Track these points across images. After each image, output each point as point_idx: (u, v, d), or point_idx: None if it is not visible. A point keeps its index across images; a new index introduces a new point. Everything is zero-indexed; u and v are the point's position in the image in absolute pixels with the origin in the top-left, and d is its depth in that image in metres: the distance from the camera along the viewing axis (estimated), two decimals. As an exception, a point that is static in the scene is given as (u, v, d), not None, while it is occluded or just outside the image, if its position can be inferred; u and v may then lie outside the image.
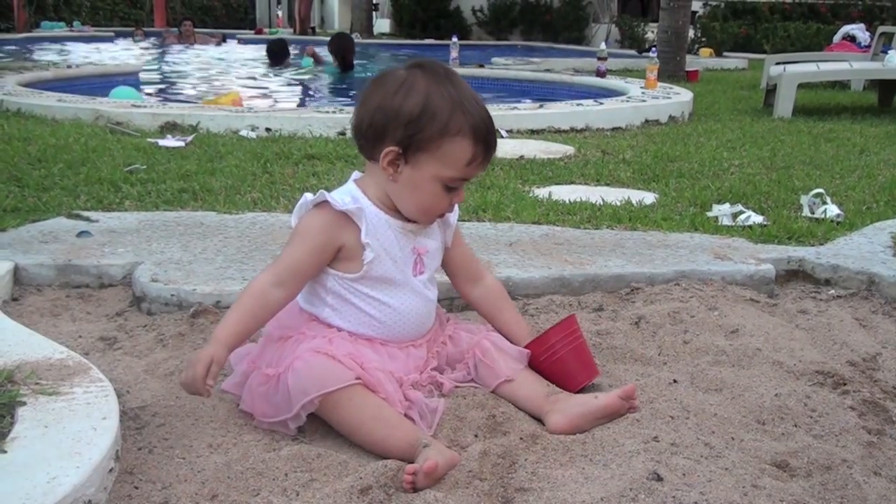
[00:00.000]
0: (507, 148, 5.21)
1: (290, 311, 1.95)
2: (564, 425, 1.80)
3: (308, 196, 1.88)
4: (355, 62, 10.77)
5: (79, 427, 1.55)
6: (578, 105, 6.89)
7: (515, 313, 2.13)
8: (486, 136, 1.81)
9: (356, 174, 1.98)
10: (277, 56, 11.78)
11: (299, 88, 10.31)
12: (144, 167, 4.27)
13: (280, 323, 1.92)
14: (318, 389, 1.72)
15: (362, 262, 1.85)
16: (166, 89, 9.84)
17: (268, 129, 5.67)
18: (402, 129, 1.78)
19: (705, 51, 15.71)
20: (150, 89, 9.45)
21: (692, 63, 12.23)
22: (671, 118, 7.02)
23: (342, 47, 10.48)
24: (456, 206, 1.99)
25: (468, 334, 2.02)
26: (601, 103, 7.02)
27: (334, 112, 6.09)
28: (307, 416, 1.77)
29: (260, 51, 16.16)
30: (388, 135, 1.80)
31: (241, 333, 1.80)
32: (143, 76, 10.39)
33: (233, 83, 10.08)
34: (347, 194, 1.88)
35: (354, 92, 8.77)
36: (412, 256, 1.91)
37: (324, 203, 1.85)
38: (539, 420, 1.86)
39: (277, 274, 1.82)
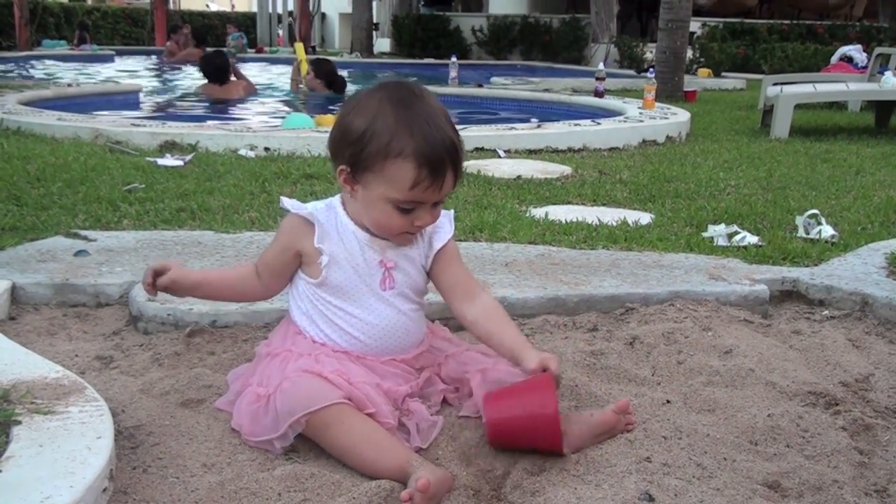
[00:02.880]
0: (504, 168, 5.24)
1: (279, 325, 2.00)
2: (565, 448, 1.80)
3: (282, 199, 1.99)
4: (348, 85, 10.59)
5: (73, 446, 1.56)
6: (576, 125, 6.92)
7: (517, 336, 1.92)
8: (431, 160, 1.75)
9: None
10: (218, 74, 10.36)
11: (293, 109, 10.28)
12: (143, 186, 4.29)
13: (269, 339, 1.97)
14: (304, 409, 1.73)
15: (320, 267, 1.89)
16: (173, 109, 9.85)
17: (266, 149, 5.69)
18: (349, 149, 1.81)
19: (703, 71, 15.79)
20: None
21: (690, 83, 12.28)
22: (668, 138, 7.05)
23: (330, 72, 10.43)
24: (446, 228, 1.99)
25: (449, 345, 2.06)
26: (599, 123, 7.05)
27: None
28: (301, 437, 1.78)
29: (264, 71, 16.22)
30: (339, 153, 1.84)
31: (204, 276, 2.03)
32: (143, 96, 10.42)
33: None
34: (322, 203, 1.96)
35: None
36: (379, 270, 1.91)
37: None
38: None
39: (258, 264, 1.98)
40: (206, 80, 10.08)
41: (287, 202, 1.94)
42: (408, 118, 1.77)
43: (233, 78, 10.22)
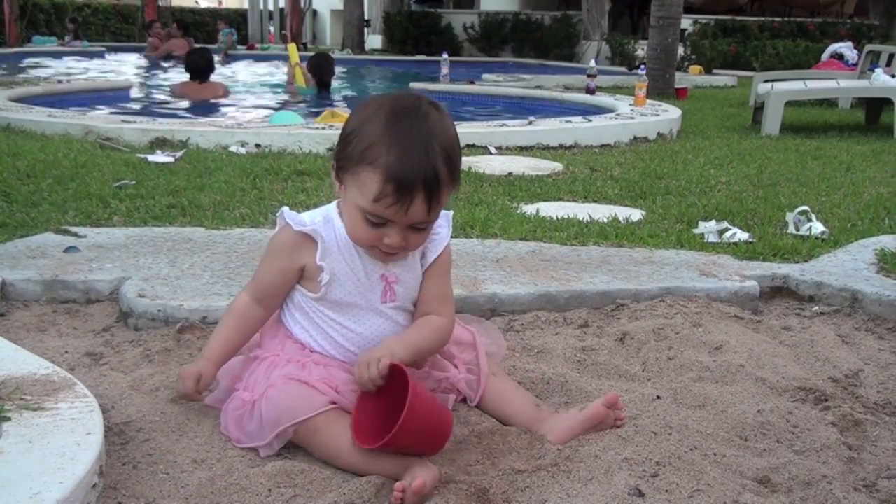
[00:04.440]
0: (495, 164, 5.24)
1: (268, 324, 1.97)
2: (556, 444, 1.80)
3: (282, 210, 1.90)
4: (337, 82, 10.55)
5: (63, 442, 1.55)
6: (567, 122, 6.92)
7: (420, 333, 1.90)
8: (399, 179, 1.67)
9: None
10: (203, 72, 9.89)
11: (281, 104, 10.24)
12: (133, 183, 4.27)
13: (259, 338, 1.95)
14: (291, 418, 1.72)
15: (320, 284, 1.84)
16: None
17: (257, 145, 5.68)
18: (339, 144, 1.79)
19: (695, 68, 15.80)
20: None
21: (681, 80, 12.30)
22: (659, 135, 7.06)
23: (321, 67, 10.44)
24: (443, 234, 1.91)
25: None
26: (590, 120, 7.05)
27: (324, 128, 6.11)
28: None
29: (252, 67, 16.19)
30: (336, 147, 1.82)
31: (227, 350, 1.92)
32: (133, 92, 10.37)
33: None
34: (319, 214, 1.89)
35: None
36: (380, 284, 1.86)
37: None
38: (525, 434, 1.87)
39: (254, 291, 1.91)
40: (186, 78, 9.97)
41: (288, 215, 1.86)
42: (394, 131, 1.70)
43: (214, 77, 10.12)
